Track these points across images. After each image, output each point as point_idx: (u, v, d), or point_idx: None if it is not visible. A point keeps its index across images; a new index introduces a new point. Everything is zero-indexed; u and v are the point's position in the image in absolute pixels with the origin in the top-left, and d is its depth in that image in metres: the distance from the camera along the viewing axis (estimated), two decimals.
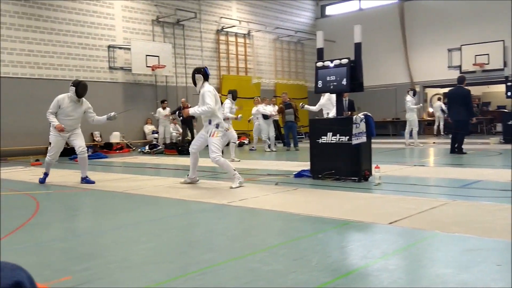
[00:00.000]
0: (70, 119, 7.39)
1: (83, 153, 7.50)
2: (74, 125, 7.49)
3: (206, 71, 6.72)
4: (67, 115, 7.36)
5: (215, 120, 6.57)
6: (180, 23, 18.69)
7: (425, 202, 4.89)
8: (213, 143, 6.51)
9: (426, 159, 10.53)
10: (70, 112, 7.37)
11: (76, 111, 7.43)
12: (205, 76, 6.66)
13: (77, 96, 7.38)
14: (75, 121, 7.50)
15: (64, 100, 7.36)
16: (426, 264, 2.95)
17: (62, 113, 7.33)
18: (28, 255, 3.47)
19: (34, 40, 14.66)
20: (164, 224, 4.44)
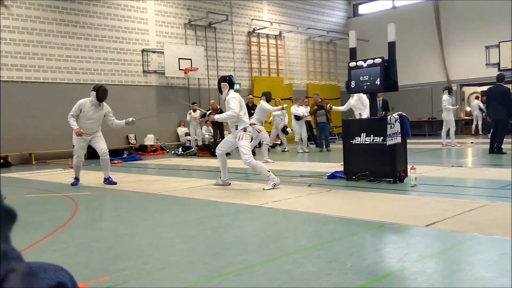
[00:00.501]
0: (91, 122, 7.70)
1: (105, 155, 7.82)
2: (94, 128, 7.79)
3: (232, 79, 6.91)
4: (88, 118, 7.66)
5: (241, 125, 6.71)
6: (212, 26, 18.86)
7: (463, 204, 4.77)
8: (243, 146, 6.60)
9: (464, 159, 10.26)
10: (91, 115, 7.67)
11: (96, 114, 7.73)
12: (231, 84, 6.85)
13: (98, 100, 7.67)
14: (96, 124, 7.78)
15: (86, 104, 7.68)
16: (464, 267, 2.87)
17: (83, 117, 7.65)
18: (68, 256, 3.58)
19: (71, 46, 15.10)
20: (198, 225, 4.49)
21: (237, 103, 6.64)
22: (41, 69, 14.46)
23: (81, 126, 7.63)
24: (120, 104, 15.51)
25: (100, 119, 7.85)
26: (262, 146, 11.21)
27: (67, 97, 14.87)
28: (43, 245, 3.90)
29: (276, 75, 21.29)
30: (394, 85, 6.82)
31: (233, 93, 6.78)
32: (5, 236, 0.64)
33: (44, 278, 0.79)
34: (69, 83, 15.05)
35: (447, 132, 13.36)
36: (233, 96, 6.73)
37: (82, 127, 7.64)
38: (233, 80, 6.92)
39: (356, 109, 10.29)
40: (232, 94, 6.75)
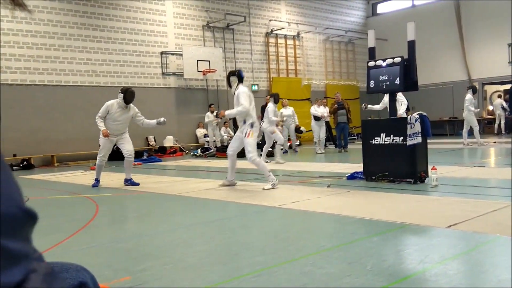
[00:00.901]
0: (117, 124, 7.81)
1: (130, 157, 8.01)
2: (121, 129, 7.91)
3: (241, 73, 6.90)
4: (115, 120, 7.78)
5: (249, 120, 6.70)
6: (230, 27, 18.92)
7: (486, 204, 4.69)
8: (249, 143, 6.65)
9: (486, 159, 10.07)
10: (118, 117, 7.77)
11: (123, 116, 7.83)
12: (240, 78, 6.83)
13: (125, 102, 7.78)
14: (123, 125, 7.90)
15: (113, 106, 7.78)
16: (487, 269, 2.82)
17: (110, 118, 7.77)
18: (90, 256, 3.63)
19: (92, 49, 15.32)
20: (217, 226, 4.50)
21: (247, 97, 6.65)
22: (63, 72, 14.70)
23: (108, 128, 7.77)
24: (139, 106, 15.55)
25: (127, 121, 7.98)
26: (276, 147, 11.17)
27: (88, 100, 15.15)
28: (65, 246, 3.97)
29: (294, 76, 21.25)
30: (414, 85, 6.75)
31: (242, 88, 6.79)
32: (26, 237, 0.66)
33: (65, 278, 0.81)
34: (90, 85, 15.27)
35: (468, 132, 13.14)
36: (243, 90, 6.73)
37: (109, 129, 7.78)
38: (242, 74, 6.91)
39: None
40: (242, 89, 6.76)
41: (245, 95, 6.65)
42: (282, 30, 20.61)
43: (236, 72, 6.90)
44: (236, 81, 6.81)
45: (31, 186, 8.81)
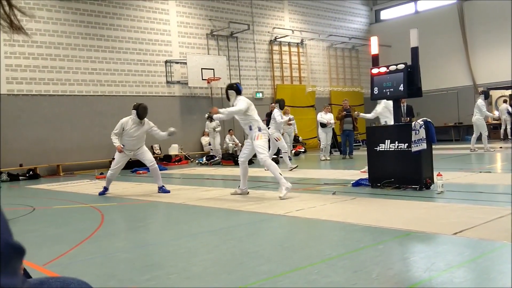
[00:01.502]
0: (133, 140, 7.89)
1: (153, 166, 7.95)
2: (138, 144, 7.99)
3: (238, 87, 6.97)
4: (131, 136, 7.86)
5: (254, 124, 6.78)
6: (234, 36, 19.00)
7: (493, 211, 4.65)
8: (258, 145, 6.66)
9: (493, 165, 10.01)
10: (133, 133, 7.85)
11: (139, 132, 7.91)
12: (237, 91, 6.91)
13: (138, 118, 7.86)
14: (139, 140, 7.99)
15: (128, 122, 7.87)
16: (494, 277, 2.79)
17: (126, 135, 7.85)
18: (95, 266, 3.63)
19: (96, 59, 15.43)
20: (223, 235, 4.49)
21: (244, 103, 6.72)
22: (68, 82, 14.80)
23: (125, 143, 7.89)
24: None
25: (144, 136, 8.07)
26: (282, 155, 11.14)
27: (93, 109, 15.24)
28: (71, 256, 3.97)
29: (298, 83, 21.28)
30: (418, 91, 6.73)
31: (240, 97, 6.88)
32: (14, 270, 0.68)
33: None
34: (95, 95, 15.36)
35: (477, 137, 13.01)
36: (240, 98, 6.85)
37: (126, 144, 7.89)
38: (239, 87, 6.99)
39: (382, 117, 9.99)
40: (239, 98, 6.87)
41: (243, 101, 6.76)
42: (286, 37, 20.66)
43: (234, 85, 6.98)
44: (234, 94, 6.89)
45: (36, 196, 8.84)
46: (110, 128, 15.38)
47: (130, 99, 16.10)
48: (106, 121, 15.51)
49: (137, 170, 13.63)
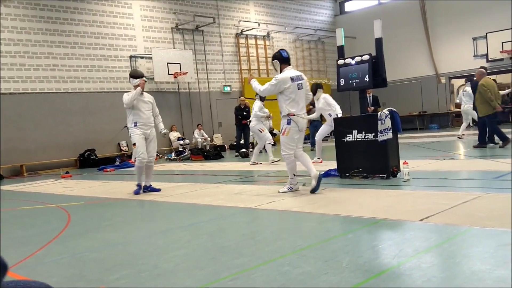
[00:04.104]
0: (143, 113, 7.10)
1: (151, 162, 7.30)
2: (150, 120, 7.18)
3: (282, 54, 5.99)
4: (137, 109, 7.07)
5: (283, 112, 5.92)
6: (199, 29, 18.83)
7: (457, 196, 4.79)
8: (282, 141, 6.00)
9: (456, 151, 10.30)
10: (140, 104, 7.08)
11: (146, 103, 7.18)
12: (281, 59, 5.97)
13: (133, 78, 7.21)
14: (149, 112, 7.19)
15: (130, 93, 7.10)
16: (460, 261, 2.87)
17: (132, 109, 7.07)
18: (63, 267, 3.54)
19: (58, 55, 15.02)
20: (194, 231, 4.46)
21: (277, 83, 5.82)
22: (29, 79, 14.37)
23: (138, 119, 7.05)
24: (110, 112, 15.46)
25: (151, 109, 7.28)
26: (266, 146, 10.90)
27: (56, 107, 14.86)
28: (38, 257, 3.87)
29: (266, 76, 21.29)
30: (383, 81, 6.85)
31: (284, 73, 5.88)
32: None
33: None
34: (58, 92, 14.97)
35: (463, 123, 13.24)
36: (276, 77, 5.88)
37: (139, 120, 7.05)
38: (283, 54, 5.98)
39: (325, 111, 9.90)
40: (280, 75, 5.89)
41: (275, 82, 5.85)
42: (252, 30, 20.64)
43: (277, 53, 6.02)
44: (278, 64, 5.97)
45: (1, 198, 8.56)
46: (75, 126, 15.16)
47: (95, 95, 15.80)
48: (70, 119, 15.17)
49: (104, 168, 13.39)
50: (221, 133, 19.11)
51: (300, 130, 5.93)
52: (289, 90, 5.80)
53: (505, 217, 3.76)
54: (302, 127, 5.97)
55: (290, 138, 5.90)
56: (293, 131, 5.88)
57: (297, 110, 5.86)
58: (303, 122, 5.96)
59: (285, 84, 5.79)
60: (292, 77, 5.81)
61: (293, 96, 5.82)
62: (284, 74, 5.83)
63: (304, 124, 5.99)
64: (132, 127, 7.07)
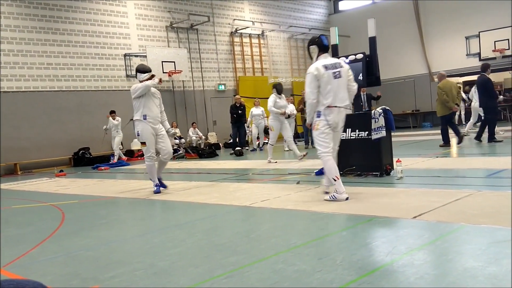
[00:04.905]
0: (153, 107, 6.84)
1: (167, 159, 7.07)
2: (158, 113, 6.93)
3: (323, 40, 5.26)
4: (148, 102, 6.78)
5: (318, 107, 5.17)
6: (194, 28, 18.81)
7: (450, 194, 4.83)
8: (314, 136, 5.23)
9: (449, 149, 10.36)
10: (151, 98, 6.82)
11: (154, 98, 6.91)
12: (321, 46, 5.24)
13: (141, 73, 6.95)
14: (158, 109, 6.95)
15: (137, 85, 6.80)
16: (453, 258, 2.91)
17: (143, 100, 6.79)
18: (57, 265, 3.55)
19: (52, 54, 14.96)
20: (189, 229, 4.48)
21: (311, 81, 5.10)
22: (23, 78, 14.30)
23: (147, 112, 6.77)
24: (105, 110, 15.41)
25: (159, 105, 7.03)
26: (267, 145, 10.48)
27: (51, 105, 14.80)
28: (32, 256, 3.87)
29: (260, 74, 21.32)
30: (377, 80, 6.88)
31: (315, 63, 5.19)
32: None
33: None
34: (52, 91, 14.92)
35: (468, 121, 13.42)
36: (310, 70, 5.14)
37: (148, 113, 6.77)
38: (324, 41, 5.26)
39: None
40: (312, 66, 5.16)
41: (310, 78, 5.11)
42: (247, 29, 20.64)
43: (316, 39, 5.29)
44: (316, 51, 5.25)
45: None
46: (69, 124, 15.11)
47: (89, 94, 15.76)
48: (64, 117, 15.13)
49: (98, 166, 13.36)
50: (216, 131, 19.11)
51: (330, 125, 5.09)
52: (323, 80, 5.05)
53: (497, 215, 3.80)
54: (335, 122, 5.10)
55: (321, 132, 5.11)
56: (323, 124, 5.10)
57: (332, 101, 5.06)
58: (337, 116, 5.09)
59: (318, 73, 5.06)
60: (325, 65, 5.10)
61: (329, 87, 5.05)
62: (315, 64, 5.14)
63: (337, 119, 5.11)
64: (141, 120, 6.75)
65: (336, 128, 5.16)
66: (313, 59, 5.30)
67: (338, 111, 5.09)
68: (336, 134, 5.23)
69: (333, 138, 5.20)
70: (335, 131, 5.19)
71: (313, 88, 5.09)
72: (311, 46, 5.30)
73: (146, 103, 6.76)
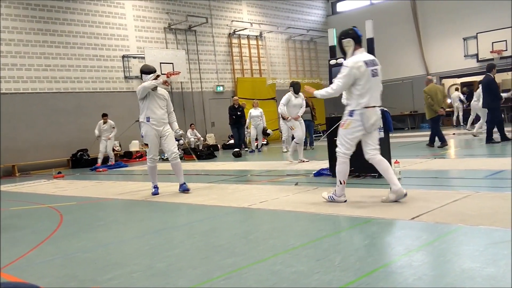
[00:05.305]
0: (157, 109, 6.73)
1: (175, 159, 6.88)
2: (164, 116, 6.82)
3: (356, 31, 4.86)
4: (151, 104, 6.68)
5: (350, 105, 4.83)
6: (192, 29, 18.81)
7: (447, 195, 4.83)
8: (339, 135, 4.94)
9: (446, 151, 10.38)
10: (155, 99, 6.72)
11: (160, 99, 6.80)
12: (356, 39, 4.83)
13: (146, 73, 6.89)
14: (163, 111, 6.81)
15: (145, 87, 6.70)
16: (451, 259, 2.91)
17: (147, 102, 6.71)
18: (55, 267, 3.54)
19: (50, 55, 14.94)
20: (187, 230, 4.47)
21: (348, 75, 4.69)
22: (21, 79, 14.28)
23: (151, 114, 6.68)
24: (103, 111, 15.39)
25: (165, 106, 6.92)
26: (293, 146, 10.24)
27: (49, 107, 14.78)
28: (30, 258, 3.86)
29: (259, 76, 21.32)
30: None
31: (355, 56, 4.77)
32: None
33: None
34: (50, 92, 14.89)
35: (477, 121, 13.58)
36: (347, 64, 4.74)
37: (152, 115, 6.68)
38: (358, 33, 4.85)
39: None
40: (349, 60, 4.76)
41: (347, 72, 4.70)
42: (245, 30, 20.65)
43: (350, 31, 4.87)
44: (352, 44, 4.82)
45: None
46: (67, 125, 15.09)
47: (87, 95, 15.74)
48: (62, 119, 15.11)
49: (96, 168, 13.33)
50: (214, 132, 19.10)
51: (364, 126, 4.75)
52: (363, 78, 4.67)
53: (494, 216, 3.81)
54: (370, 124, 4.77)
55: (349, 132, 4.80)
56: (355, 125, 4.76)
57: (369, 101, 4.72)
58: (373, 116, 4.77)
59: (358, 70, 4.65)
60: (366, 61, 4.72)
61: (368, 85, 4.69)
62: (356, 58, 4.71)
63: (373, 119, 4.78)
64: (144, 122, 6.71)
65: (371, 128, 4.81)
66: (347, 54, 4.86)
67: (374, 111, 4.79)
68: (373, 133, 4.88)
69: (371, 137, 4.86)
70: (369, 132, 4.83)
71: (344, 84, 4.71)
72: (345, 39, 4.84)
73: (149, 105, 6.69)
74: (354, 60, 4.70)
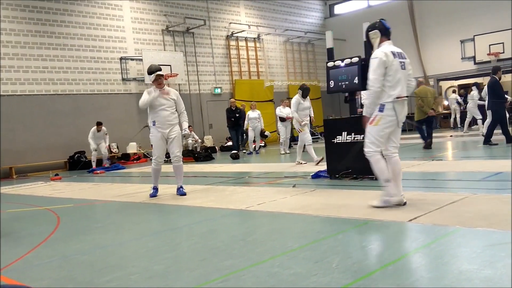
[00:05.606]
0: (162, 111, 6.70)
1: (177, 161, 6.92)
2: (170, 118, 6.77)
3: (384, 24, 4.70)
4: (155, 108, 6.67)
5: (381, 99, 4.57)
6: (190, 31, 18.82)
7: (444, 197, 4.84)
8: (367, 132, 4.71)
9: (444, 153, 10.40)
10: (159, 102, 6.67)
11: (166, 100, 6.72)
12: (383, 31, 4.68)
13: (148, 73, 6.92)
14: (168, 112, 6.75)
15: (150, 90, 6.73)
16: (448, 261, 2.91)
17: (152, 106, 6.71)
18: (53, 270, 3.53)
19: (48, 57, 14.93)
20: (184, 232, 4.47)
21: (376, 68, 4.49)
22: (18, 81, 14.26)
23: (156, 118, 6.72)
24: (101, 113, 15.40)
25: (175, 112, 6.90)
26: (306, 148, 10.22)
27: (46, 109, 14.77)
28: (27, 260, 3.85)
29: (256, 78, 21.34)
30: None
31: (381, 49, 4.57)
32: None
33: None
34: (47, 94, 14.88)
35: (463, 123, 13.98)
36: (376, 55, 4.54)
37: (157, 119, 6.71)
38: (386, 25, 4.70)
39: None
40: (377, 52, 4.56)
41: (376, 63, 4.49)
42: (243, 32, 20.67)
43: (377, 24, 4.72)
44: (378, 36, 4.68)
45: None
46: (64, 127, 15.07)
47: (85, 97, 15.73)
48: (60, 121, 15.09)
49: (94, 170, 13.31)
50: (212, 134, 19.10)
51: (398, 119, 4.59)
52: (392, 68, 4.49)
53: (492, 217, 3.82)
54: (402, 115, 4.64)
55: (380, 129, 4.57)
56: (386, 120, 4.55)
57: (401, 91, 4.53)
58: (405, 109, 4.65)
59: (387, 58, 4.48)
60: (394, 52, 4.57)
61: (398, 76, 4.52)
62: (383, 49, 4.56)
63: (405, 111, 4.67)
64: (151, 126, 6.78)
65: (402, 121, 4.65)
66: (374, 47, 4.70)
67: (405, 102, 4.63)
68: (399, 130, 4.73)
69: (396, 134, 4.69)
70: (400, 127, 4.69)
71: (379, 75, 4.48)
72: (371, 31, 4.71)
73: (154, 108, 6.73)
74: (381, 50, 4.56)
